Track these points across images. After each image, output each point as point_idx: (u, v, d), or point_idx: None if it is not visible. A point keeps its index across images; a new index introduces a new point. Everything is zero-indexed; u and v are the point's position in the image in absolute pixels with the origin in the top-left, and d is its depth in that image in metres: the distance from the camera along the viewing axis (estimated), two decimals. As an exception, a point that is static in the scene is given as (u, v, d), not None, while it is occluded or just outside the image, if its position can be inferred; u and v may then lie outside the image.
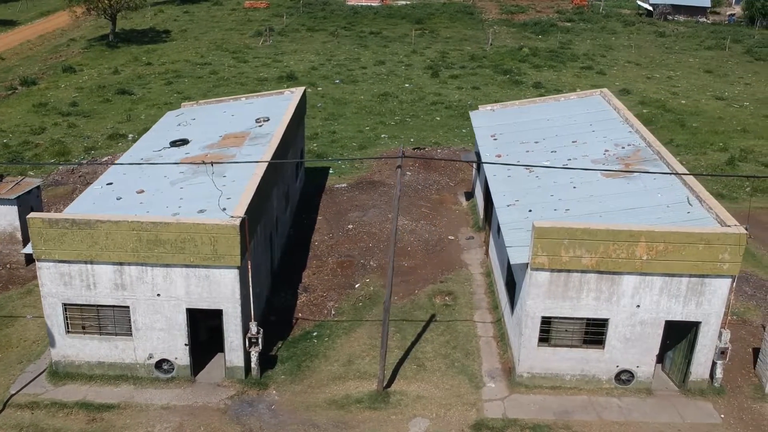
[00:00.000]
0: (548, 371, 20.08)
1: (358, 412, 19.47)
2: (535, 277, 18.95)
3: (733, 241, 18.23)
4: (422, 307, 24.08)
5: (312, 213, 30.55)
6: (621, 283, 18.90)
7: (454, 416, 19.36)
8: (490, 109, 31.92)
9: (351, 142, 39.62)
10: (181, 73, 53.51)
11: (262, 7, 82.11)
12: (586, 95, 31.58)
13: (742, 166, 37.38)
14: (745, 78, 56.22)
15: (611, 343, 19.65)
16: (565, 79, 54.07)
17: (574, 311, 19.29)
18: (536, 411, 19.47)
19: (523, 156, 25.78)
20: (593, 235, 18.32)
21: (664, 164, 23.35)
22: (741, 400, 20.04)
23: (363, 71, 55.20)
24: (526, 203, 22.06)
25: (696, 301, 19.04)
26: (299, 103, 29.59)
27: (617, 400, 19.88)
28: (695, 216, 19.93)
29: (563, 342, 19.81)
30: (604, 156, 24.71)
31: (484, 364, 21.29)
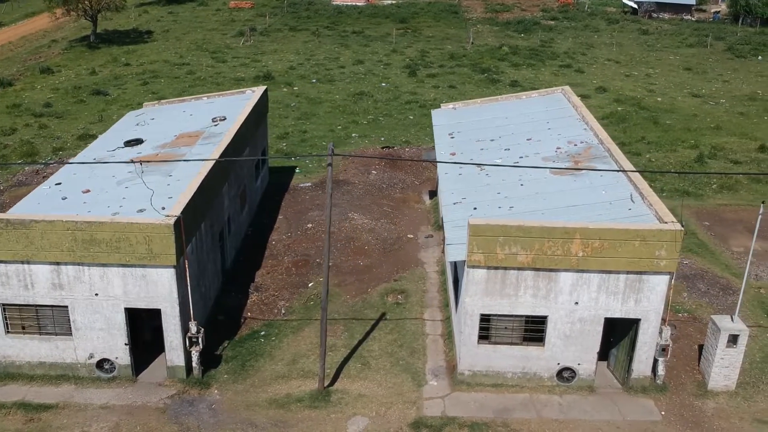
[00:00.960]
0: (490, 369, 20.03)
1: (297, 411, 19.44)
2: (472, 275, 18.91)
3: (669, 238, 18.18)
4: (373, 306, 24.03)
5: (273, 212, 30.51)
6: (558, 280, 18.85)
7: (393, 415, 19.32)
8: (451, 107, 31.87)
9: (321, 141, 39.57)
10: (158, 74, 53.45)
11: (246, 7, 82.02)
12: (548, 93, 31.53)
13: (711, 163, 37.31)
14: (724, 75, 56.11)
15: (551, 340, 19.61)
16: (543, 77, 53.97)
17: (512, 308, 19.25)
18: (476, 409, 19.42)
19: (478, 154, 25.74)
20: (528, 233, 18.28)
21: (612, 161, 23.29)
22: (683, 397, 20.00)
23: (341, 71, 55.14)
24: (473, 201, 22.01)
25: (635, 298, 18.99)
26: (258, 103, 29.54)
27: (558, 398, 19.84)
28: (636, 213, 19.88)
29: (503, 339, 19.77)
30: (556, 153, 24.66)
31: (429, 363, 21.26)
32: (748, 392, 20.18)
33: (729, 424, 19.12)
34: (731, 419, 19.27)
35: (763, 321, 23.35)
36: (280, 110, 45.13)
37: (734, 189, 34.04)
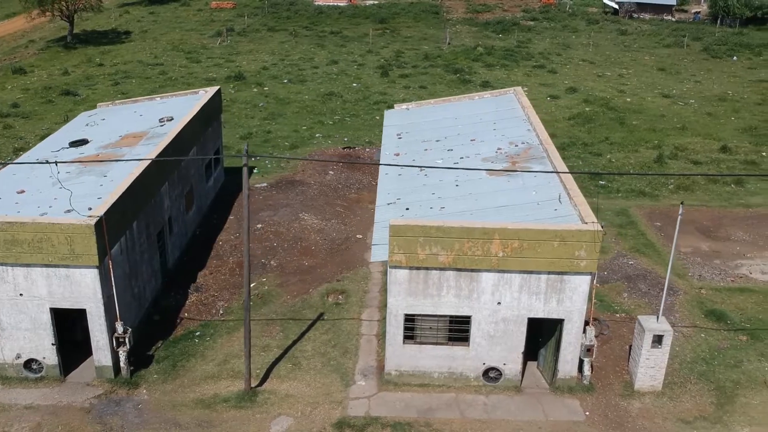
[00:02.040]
0: (416, 369, 20.08)
1: (223, 411, 19.47)
2: (394, 275, 18.95)
3: (588, 238, 18.22)
4: (312, 306, 24.07)
5: (225, 212, 30.55)
6: (480, 280, 18.90)
7: (318, 415, 19.36)
8: (405, 107, 31.92)
9: (284, 141, 39.62)
10: (131, 74, 53.49)
11: (228, 7, 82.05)
12: (500, 94, 31.57)
13: (671, 163, 37.37)
14: (697, 75, 56.19)
15: (476, 340, 19.66)
16: (515, 77, 54.03)
17: (436, 309, 19.29)
18: (400, 409, 19.46)
19: (421, 155, 25.76)
20: (447, 233, 18.32)
21: (548, 162, 23.34)
22: (609, 397, 20.05)
23: (314, 71, 55.19)
24: (407, 201, 22.05)
25: (557, 299, 19.04)
26: (207, 104, 29.56)
27: (484, 398, 19.88)
28: (561, 213, 19.92)
29: (429, 339, 19.81)
30: (496, 154, 24.70)
31: (360, 363, 21.30)
32: (675, 392, 20.23)
33: (652, 424, 19.18)
34: (655, 419, 19.32)
35: (699, 321, 23.39)
36: (247, 110, 45.20)
37: (691, 189, 34.10)
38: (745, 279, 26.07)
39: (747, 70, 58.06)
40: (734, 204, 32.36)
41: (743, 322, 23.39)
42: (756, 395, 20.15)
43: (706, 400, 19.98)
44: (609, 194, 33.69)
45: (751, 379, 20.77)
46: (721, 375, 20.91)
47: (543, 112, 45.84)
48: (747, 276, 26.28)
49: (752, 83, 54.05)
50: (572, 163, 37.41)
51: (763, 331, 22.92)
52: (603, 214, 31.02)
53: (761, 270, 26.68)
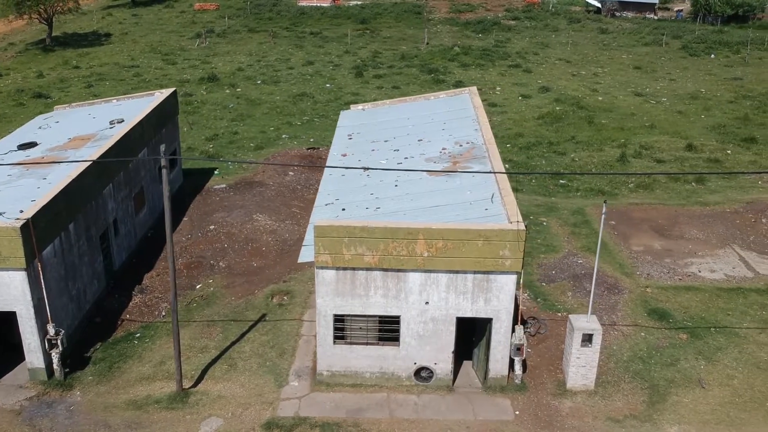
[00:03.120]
0: (348, 369, 20.10)
1: (154, 413, 19.50)
2: (322, 275, 18.98)
3: (511, 238, 18.23)
4: (256, 307, 24.10)
5: (180, 214, 30.57)
6: (407, 280, 18.92)
7: (249, 415, 19.39)
8: (361, 108, 31.94)
9: (249, 142, 39.65)
10: (105, 76, 53.57)
11: (211, 8, 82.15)
12: (455, 94, 31.58)
13: (634, 162, 37.36)
14: (672, 74, 56.17)
15: (406, 340, 19.68)
16: (489, 77, 54.06)
17: (364, 309, 19.31)
18: (330, 409, 19.48)
19: (368, 155, 25.78)
20: (372, 233, 18.34)
21: (489, 162, 23.35)
22: (541, 397, 20.06)
23: (289, 72, 55.24)
24: (345, 202, 22.05)
25: (484, 298, 19.06)
26: (161, 105, 29.61)
27: (416, 398, 19.90)
28: (491, 213, 19.91)
29: (359, 340, 19.83)
30: (440, 154, 24.71)
31: (296, 363, 21.32)
32: (608, 391, 20.24)
33: (582, 423, 19.18)
34: (585, 418, 19.32)
35: (641, 320, 23.39)
36: (217, 112, 45.25)
37: (651, 188, 34.10)
38: (693, 277, 26.07)
39: (723, 68, 58.03)
40: (692, 202, 32.35)
41: (685, 321, 23.39)
42: (688, 394, 20.16)
43: (638, 399, 19.98)
44: (568, 193, 33.72)
45: (685, 378, 20.77)
46: (656, 374, 20.91)
47: (513, 112, 45.95)
48: (695, 274, 26.27)
49: (727, 81, 54.02)
50: (535, 162, 37.44)
51: (703, 330, 22.92)
52: (559, 213, 31.07)
53: (710, 268, 26.67)
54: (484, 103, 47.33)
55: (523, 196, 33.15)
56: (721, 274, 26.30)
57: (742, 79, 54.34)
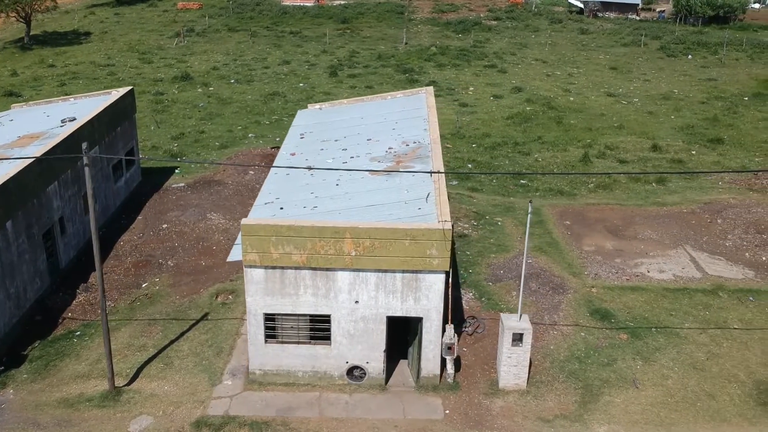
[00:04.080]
0: (280, 368, 20.10)
1: (85, 411, 19.49)
2: (251, 274, 18.99)
3: (438, 237, 18.25)
4: (199, 306, 24.09)
5: (135, 212, 30.56)
6: (336, 279, 18.93)
7: (180, 414, 19.37)
8: (318, 107, 31.95)
9: (215, 141, 39.65)
10: (79, 75, 53.54)
11: (194, 8, 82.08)
12: (412, 94, 31.61)
13: (597, 162, 37.40)
14: (648, 74, 56.24)
15: (337, 339, 19.69)
16: (463, 77, 54.08)
17: (295, 308, 19.32)
18: (260, 408, 19.48)
19: (316, 154, 25.78)
20: (299, 232, 18.35)
21: (431, 161, 23.37)
22: (473, 396, 20.07)
23: (264, 71, 55.23)
24: (285, 201, 22.04)
25: (414, 297, 19.07)
26: (115, 104, 29.60)
27: (348, 397, 19.91)
28: (424, 212, 19.93)
29: (291, 339, 19.84)
30: (385, 153, 24.73)
31: (232, 362, 21.30)
32: (541, 391, 20.26)
33: (512, 422, 19.20)
34: (515, 418, 19.34)
35: (583, 320, 23.41)
36: (186, 111, 45.24)
37: (610, 188, 34.15)
38: (641, 278, 26.09)
39: (699, 69, 58.11)
40: (650, 203, 32.39)
41: (627, 321, 23.41)
42: (621, 394, 20.18)
43: (570, 399, 20.00)
44: (527, 193, 33.74)
45: (620, 378, 20.80)
46: (591, 374, 20.93)
47: (483, 112, 45.99)
48: (644, 275, 26.30)
49: (701, 81, 54.11)
50: (499, 162, 37.46)
51: (644, 330, 22.95)
52: (515, 213, 31.09)
53: (659, 269, 26.70)
54: (456, 103, 47.50)
55: (483, 196, 33.21)
56: (670, 275, 26.33)
57: (717, 80, 54.43)
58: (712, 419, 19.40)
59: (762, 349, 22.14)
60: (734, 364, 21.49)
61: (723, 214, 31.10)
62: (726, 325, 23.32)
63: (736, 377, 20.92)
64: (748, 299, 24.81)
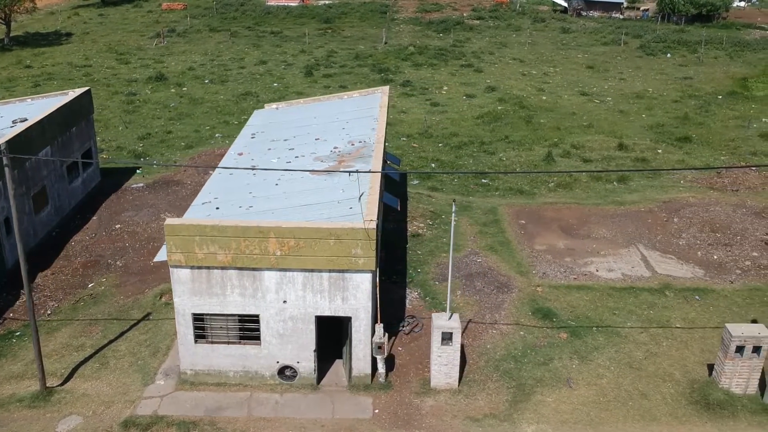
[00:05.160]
0: (211, 368, 20.10)
1: (15, 411, 19.49)
2: (177, 275, 18.99)
3: (362, 237, 18.24)
4: (142, 306, 24.09)
5: (90, 213, 30.58)
6: (263, 279, 18.93)
7: (109, 414, 19.37)
8: (275, 107, 31.96)
9: (180, 141, 39.67)
10: (55, 76, 53.61)
11: (179, 8, 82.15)
12: (368, 93, 31.62)
13: (560, 161, 37.36)
14: (624, 73, 56.19)
15: (267, 339, 19.68)
16: (439, 77, 54.06)
17: (223, 308, 19.32)
18: (189, 408, 19.48)
19: (263, 154, 25.78)
20: (223, 232, 18.35)
21: (372, 161, 23.36)
22: (404, 395, 20.05)
23: (240, 71, 55.25)
24: (223, 201, 22.03)
25: (341, 297, 19.06)
26: (70, 104, 29.65)
27: (278, 396, 19.90)
28: (354, 211, 19.91)
29: (221, 339, 19.84)
30: (330, 153, 24.73)
31: (167, 362, 21.29)
32: (473, 390, 20.23)
33: (441, 422, 19.17)
34: (444, 417, 19.31)
35: (525, 319, 23.38)
36: (156, 111, 45.27)
37: (570, 187, 34.10)
38: (589, 276, 26.05)
39: (677, 68, 58.06)
40: (608, 201, 32.35)
41: (569, 320, 23.38)
42: (553, 393, 20.15)
43: (501, 398, 19.97)
44: (487, 192, 33.72)
45: (555, 377, 20.76)
46: (525, 373, 20.90)
47: (453, 111, 45.96)
48: (592, 274, 26.26)
49: (677, 80, 54.05)
50: (463, 161, 37.44)
51: (585, 329, 22.92)
52: (472, 212, 31.07)
53: (608, 268, 26.67)
54: (428, 102, 47.51)
55: (442, 196, 33.18)
56: (619, 274, 26.29)
57: (693, 79, 54.38)
58: (642, 418, 19.37)
59: (701, 348, 22.10)
60: (671, 363, 21.45)
61: (680, 212, 31.06)
62: (668, 324, 23.29)
63: (671, 376, 20.89)
64: (694, 298, 24.77)
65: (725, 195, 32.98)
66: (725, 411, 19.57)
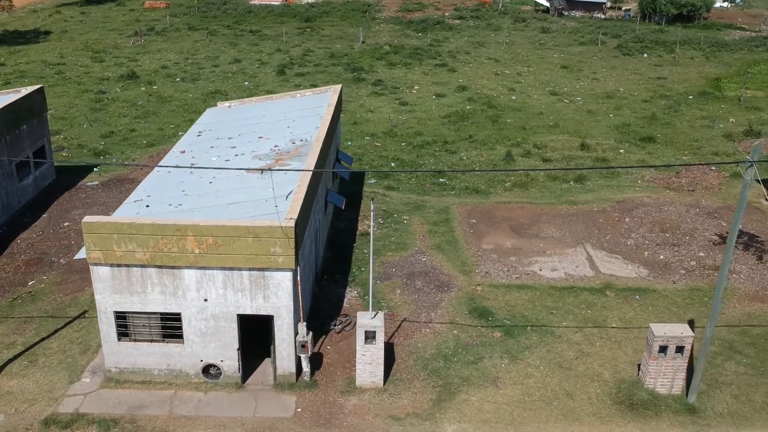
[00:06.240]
0: (136, 366, 20.07)
1: (-63, 409, 19.49)
2: (97, 272, 18.96)
3: (280, 235, 18.21)
4: (80, 304, 24.06)
5: (41, 211, 30.55)
6: (183, 277, 18.90)
7: (32, 411, 19.33)
8: (227, 105, 31.93)
9: (143, 140, 39.64)
10: (27, 74, 53.57)
11: (161, 7, 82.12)
12: (321, 92, 31.59)
13: (520, 161, 37.33)
14: (598, 73, 56.16)
15: (189, 337, 19.66)
16: (411, 76, 54.03)
17: (144, 306, 19.29)
18: (111, 406, 19.44)
19: (204, 152, 25.75)
20: (140, 230, 18.31)
21: (307, 159, 23.34)
22: (329, 394, 20.02)
23: (213, 70, 55.22)
24: (155, 199, 22.00)
25: (263, 295, 19.04)
26: (20, 102, 29.62)
27: (202, 395, 19.87)
28: (280, 210, 19.87)
29: (144, 337, 19.81)
30: (269, 152, 24.71)
31: (96, 360, 21.26)
32: (398, 389, 20.20)
33: (362, 420, 19.15)
34: (366, 416, 19.29)
35: (460, 318, 23.36)
36: (123, 109, 45.23)
37: (527, 187, 34.08)
38: (531, 276, 26.03)
39: (652, 67, 58.04)
40: (562, 201, 32.32)
41: (505, 319, 23.36)
42: (478, 392, 20.12)
43: (426, 397, 19.94)
44: (443, 191, 33.70)
45: (483, 376, 20.73)
46: (453, 372, 20.88)
47: (421, 111, 45.93)
48: (534, 273, 26.24)
49: (650, 80, 54.03)
50: (423, 161, 37.41)
51: (520, 328, 22.89)
52: (424, 212, 31.05)
53: (552, 267, 26.65)
54: (397, 102, 47.46)
55: (397, 195, 33.17)
56: (562, 273, 26.27)
57: (666, 79, 54.36)
58: (565, 418, 19.35)
59: (634, 348, 22.08)
60: (602, 363, 21.43)
61: (633, 212, 31.04)
62: (604, 324, 23.27)
63: (600, 376, 20.86)
64: (635, 298, 24.75)
65: (681, 195, 32.97)
66: (649, 411, 19.56)
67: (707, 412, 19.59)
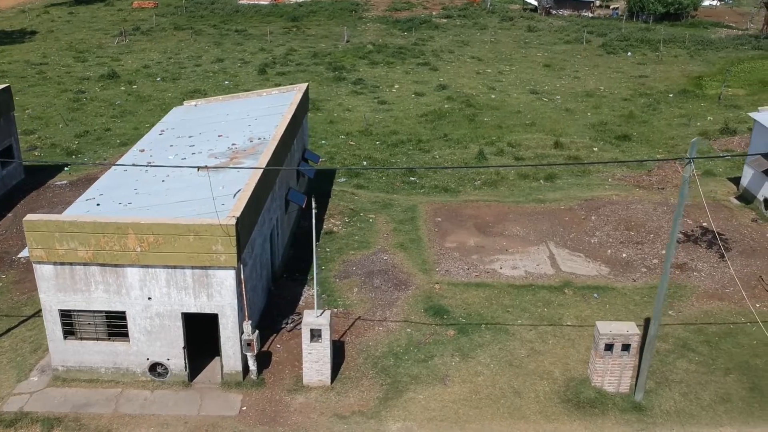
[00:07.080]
0: (82, 364, 20.06)
1: None
2: (40, 271, 18.94)
3: (221, 233, 18.19)
4: (36, 303, 23.88)
5: (6, 210, 30.55)
6: (126, 275, 18.88)
7: (-23, 411, 19.37)
8: (194, 104, 31.93)
9: (117, 139, 39.63)
10: (7, 74, 53.56)
11: (149, 6, 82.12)
12: (287, 90, 31.56)
13: (492, 159, 37.26)
14: (580, 71, 56.08)
15: (135, 335, 19.63)
16: (393, 75, 53.99)
17: (88, 304, 19.27)
18: (57, 404, 19.42)
19: (163, 150, 25.76)
20: (82, 228, 18.29)
21: (261, 158, 23.32)
22: (276, 392, 19.99)
23: (194, 69, 55.21)
24: (107, 197, 21.98)
25: (207, 293, 19.01)
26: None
27: (149, 393, 19.85)
28: (225, 208, 19.86)
29: (90, 335, 19.79)
30: (226, 150, 24.70)
31: (46, 359, 21.21)
32: (346, 387, 20.17)
33: (307, 419, 19.11)
34: (311, 414, 19.25)
35: (415, 317, 23.31)
36: (101, 109, 45.22)
37: (496, 185, 34.03)
38: (491, 274, 25.97)
39: (635, 66, 57.96)
40: (530, 199, 32.26)
41: (460, 317, 23.31)
42: (426, 390, 20.08)
43: (373, 395, 19.91)
44: (413, 190, 33.66)
45: (432, 375, 20.68)
46: (403, 370, 20.83)
47: (399, 110, 45.90)
48: (495, 271, 26.18)
49: (632, 78, 53.95)
50: (396, 159, 37.37)
51: (474, 326, 22.85)
52: (391, 210, 31.02)
53: (513, 265, 26.59)
54: (375, 101, 47.41)
55: (366, 193, 33.13)
56: (522, 271, 26.21)
57: (648, 77, 54.27)
58: (511, 416, 19.31)
59: (587, 346, 22.02)
60: (553, 361, 21.39)
61: (600, 210, 30.97)
62: (559, 322, 23.21)
63: (550, 374, 20.82)
64: (593, 296, 24.70)
65: (650, 193, 32.90)
66: (595, 409, 19.52)
67: (654, 410, 19.56)
